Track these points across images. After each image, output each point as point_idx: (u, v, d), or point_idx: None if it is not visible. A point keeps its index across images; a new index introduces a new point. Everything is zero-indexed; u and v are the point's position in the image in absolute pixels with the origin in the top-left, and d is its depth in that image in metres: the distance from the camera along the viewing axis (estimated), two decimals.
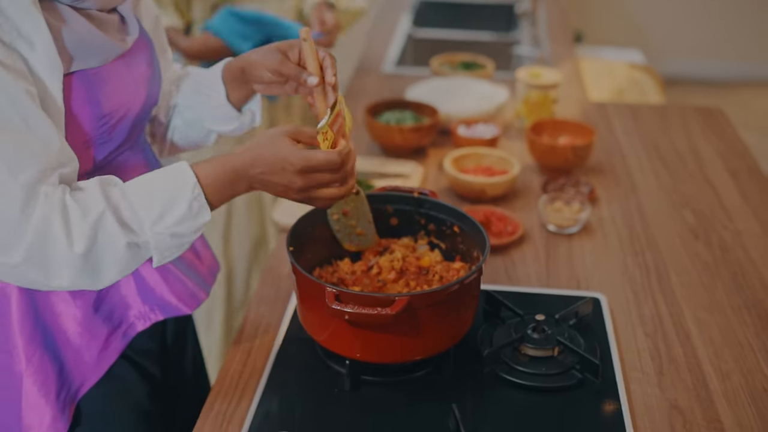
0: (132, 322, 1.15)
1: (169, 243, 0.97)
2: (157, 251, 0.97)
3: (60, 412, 1.07)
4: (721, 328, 1.32)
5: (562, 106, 2.25)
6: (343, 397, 1.14)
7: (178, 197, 0.97)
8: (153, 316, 1.16)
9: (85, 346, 1.10)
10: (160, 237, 0.96)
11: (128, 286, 1.13)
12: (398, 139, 1.89)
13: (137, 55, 1.10)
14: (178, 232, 0.97)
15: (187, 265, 1.24)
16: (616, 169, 1.89)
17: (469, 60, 2.43)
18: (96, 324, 1.11)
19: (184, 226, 0.97)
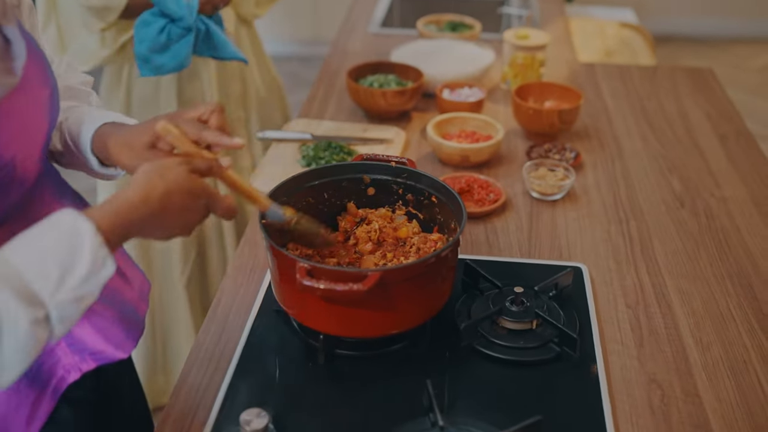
0: (62, 375, 1.03)
1: (72, 308, 0.80)
2: (60, 322, 0.79)
3: None
4: (704, 298, 1.30)
5: (551, 67, 2.21)
6: (317, 370, 1.13)
7: (79, 253, 0.80)
8: (85, 365, 1.04)
9: (14, 412, 0.98)
10: (62, 307, 0.79)
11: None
12: (381, 104, 1.85)
13: (30, 79, 0.93)
14: (82, 295, 0.80)
15: (116, 297, 1.11)
16: (603, 133, 1.86)
17: (456, 20, 2.38)
18: (23, 387, 0.99)
19: (89, 284, 0.81)
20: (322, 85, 2.11)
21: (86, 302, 0.82)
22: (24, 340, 0.76)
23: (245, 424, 0.99)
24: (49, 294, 0.77)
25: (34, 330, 0.77)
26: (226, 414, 1.05)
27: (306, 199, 1.25)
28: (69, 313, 0.80)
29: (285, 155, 1.71)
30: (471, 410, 1.05)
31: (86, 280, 0.80)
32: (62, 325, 0.80)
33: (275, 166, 1.66)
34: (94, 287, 0.81)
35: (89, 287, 0.81)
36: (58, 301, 0.78)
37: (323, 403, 1.08)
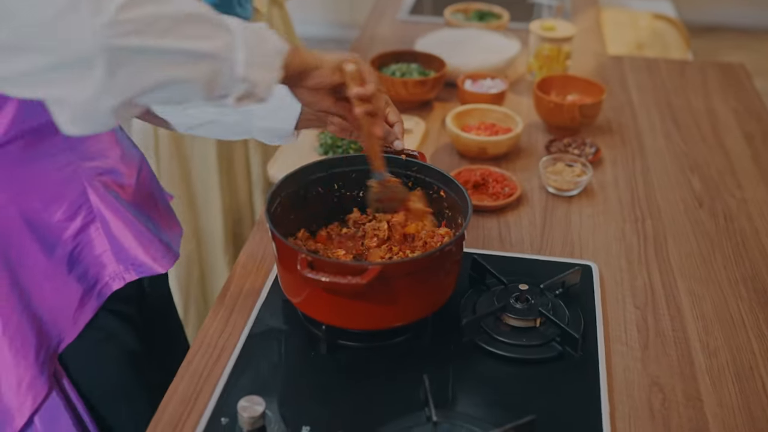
0: (107, 281, 1.14)
1: (254, 40, 0.89)
2: (243, 41, 0.88)
3: (39, 373, 1.07)
4: (715, 301, 1.29)
5: (578, 59, 2.18)
6: (318, 360, 1.14)
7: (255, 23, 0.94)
8: (128, 275, 1.15)
9: (60, 305, 1.10)
10: (246, 31, 0.89)
11: (102, 246, 1.12)
12: (402, 93, 1.85)
13: None
14: (263, 36, 0.91)
15: (156, 226, 1.23)
16: (626, 128, 1.83)
17: (484, 9, 2.36)
18: (70, 283, 1.10)
19: (267, 35, 0.92)
20: None
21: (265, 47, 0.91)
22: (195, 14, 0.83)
23: (242, 410, 1.00)
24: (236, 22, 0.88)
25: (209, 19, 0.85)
26: (225, 400, 1.06)
27: (316, 188, 1.25)
28: (250, 40, 0.88)
29: (303, 143, 1.72)
30: (468, 406, 1.05)
31: (263, 29, 0.92)
32: (246, 47, 0.88)
33: (292, 154, 1.67)
34: (271, 41, 0.92)
35: (267, 35, 0.92)
36: (239, 24, 0.88)
37: (323, 392, 1.09)
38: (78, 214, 1.09)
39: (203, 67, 0.85)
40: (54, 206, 1.06)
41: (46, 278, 1.07)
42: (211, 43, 0.85)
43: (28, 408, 1.07)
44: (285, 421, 1.03)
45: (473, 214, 1.48)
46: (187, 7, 0.83)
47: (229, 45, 0.87)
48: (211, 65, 0.86)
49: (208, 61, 0.85)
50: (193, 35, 0.83)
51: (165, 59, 0.81)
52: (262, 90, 0.92)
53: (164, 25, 0.80)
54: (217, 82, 0.87)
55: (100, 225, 1.12)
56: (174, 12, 0.81)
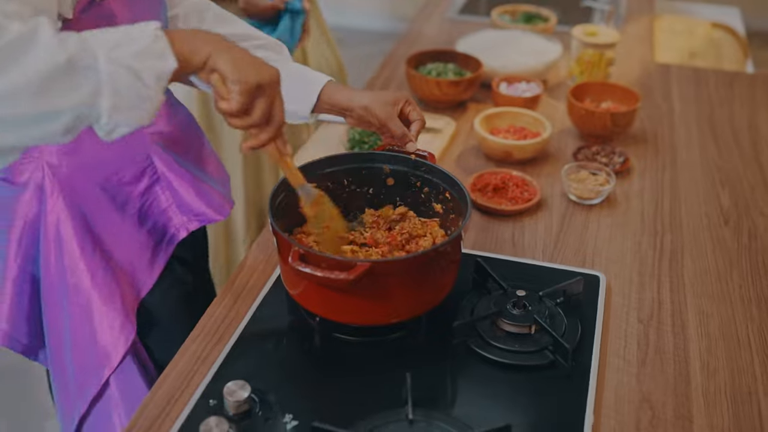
0: (173, 232, 1.31)
1: (125, 80, 0.82)
2: (109, 85, 0.82)
3: (126, 318, 1.23)
4: (723, 321, 1.26)
5: (623, 66, 2.15)
6: (312, 352, 1.16)
7: (139, 32, 0.85)
8: (191, 225, 1.32)
9: (137, 256, 1.26)
10: (115, 67, 0.82)
11: (167, 201, 1.29)
12: (436, 93, 1.85)
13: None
14: (136, 69, 0.83)
15: (211, 178, 1.39)
16: (661, 139, 1.79)
17: (532, 12, 2.34)
18: (143, 236, 1.27)
19: (145, 63, 0.84)
20: (387, 69, 2.13)
21: (140, 85, 0.83)
22: (51, 70, 0.78)
23: (228, 394, 1.04)
24: (105, 50, 0.82)
25: (69, 71, 0.79)
26: (216, 383, 1.09)
27: (325, 183, 1.28)
28: (121, 81, 0.82)
29: (331, 138, 1.74)
30: (449, 407, 1.06)
31: (142, 57, 0.83)
32: (113, 90, 0.82)
33: (318, 149, 1.70)
34: (149, 70, 0.84)
35: (144, 66, 0.84)
36: (110, 57, 0.81)
37: (311, 383, 1.11)
38: (144, 175, 1.25)
39: (65, 120, 0.82)
40: (123, 170, 1.23)
41: (122, 233, 1.24)
42: (70, 99, 0.81)
43: (122, 347, 1.24)
44: (270, 407, 1.06)
45: (488, 217, 1.49)
46: (45, 62, 0.78)
47: (93, 93, 0.82)
48: (73, 116, 0.82)
49: (70, 114, 0.82)
50: (52, 93, 0.79)
51: (22, 122, 0.80)
52: (137, 123, 0.87)
53: (18, 92, 0.78)
54: (77, 128, 0.85)
55: (165, 183, 1.28)
56: (28, 75, 0.78)
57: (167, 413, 1.07)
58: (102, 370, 1.24)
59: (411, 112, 1.24)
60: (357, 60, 4.24)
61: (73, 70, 0.80)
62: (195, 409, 1.06)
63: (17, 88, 0.78)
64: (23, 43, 0.78)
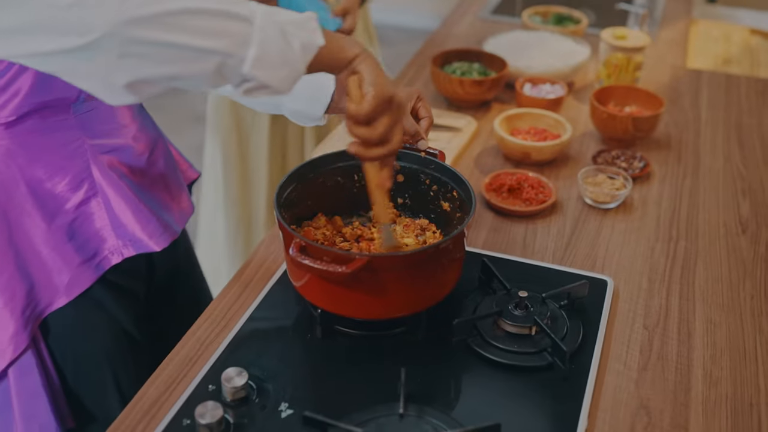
0: (106, 255, 1.19)
1: (274, 39, 0.88)
2: (259, 37, 0.87)
3: (22, 328, 1.13)
4: (731, 331, 1.24)
5: (653, 70, 2.12)
6: (312, 343, 1.18)
7: (295, 14, 0.92)
8: (126, 251, 1.20)
9: (55, 271, 1.15)
10: (269, 24, 0.87)
11: (102, 220, 1.18)
12: (459, 92, 1.86)
13: None
14: (288, 31, 0.89)
15: (158, 205, 1.28)
16: (685, 146, 1.77)
17: (564, 13, 2.32)
18: (68, 251, 1.16)
19: (296, 31, 0.90)
20: (413, 67, 2.13)
21: (287, 49, 0.89)
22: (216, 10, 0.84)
23: (226, 380, 1.06)
24: (262, 10, 0.87)
25: (230, 22, 0.85)
26: (217, 369, 1.11)
27: (335, 178, 1.29)
28: (271, 40, 0.87)
29: None
30: (442, 404, 1.06)
31: (294, 23, 0.90)
32: (260, 48, 0.86)
33: (339, 142, 1.71)
34: (298, 37, 0.90)
35: (296, 31, 0.90)
36: (264, 13, 0.87)
37: (309, 373, 1.13)
38: (80, 188, 1.15)
39: (210, 63, 0.86)
40: (57, 177, 1.13)
41: (44, 243, 1.13)
42: (221, 40, 0.85)
43: (7, 356, 1.13)
44: (267, 395, 1.08)
45: (501, 218, 1.49)
46: (204, 1, 0.84)
47: (242, 41, 0.86)
48: (219, 61, 0.86)
49: (216, 58, 0.86)
50: (205, 30, 0.84)
51: (172, 53, 0.83)
52: (277, 87, 0.91)
53: (176, 21, 0.82)
54: (223, 75, 0.88)
55: (102, 200, 1.17)
56: (188, 6, 0.82)
57: (168, 396, 1.10)
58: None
59: (420, 109, 1.25)
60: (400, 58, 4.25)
61: (233, 16, 0.85)
62: (194, 393, 1.08)
63: (177, 14, 0.82)
64: None
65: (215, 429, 1.00)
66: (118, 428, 1.04)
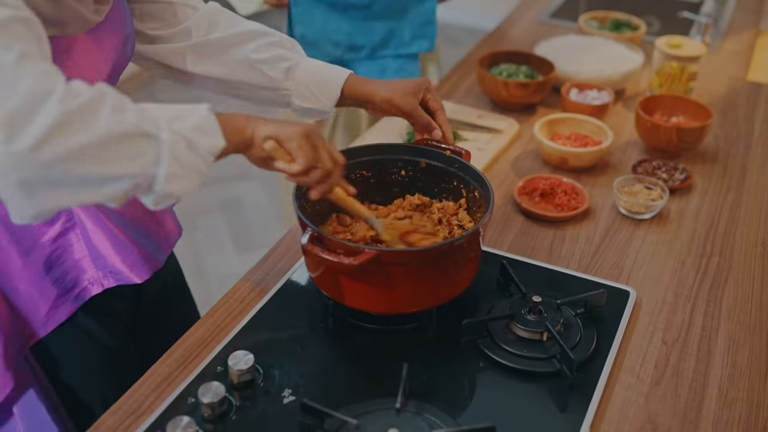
0: (86, 286, 1.17)
1: (183, 151, 0.88)
2: (169, 154, 0.86)
3: (6, 369, 1.11)
4: (754, 352, 1.20)
5: (709, 81, 2.06)
6: (323, 334, 1.19)
7: (192, 111, 0.91)
8: (106, 282, 1.19)
9: (33, 305, 1.14)
10: (175, 136, 0.87)
11: (81, 251, 1.16)
12: (503, 94, 1.84)
13: (108, 24, 1.07)
14: (193, 140, 0.89)
15: (142, 233, 1.25)
16: (733, 160, 1.72)
17: (622, 19, 2.27)
18: (46, 285, 1.14)
19: (199, 136, 0.90)
20: (463, 66, 2.13)
21: (194, 161, 0.89)
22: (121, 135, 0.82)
23: (232, 363, 1.09)
24: (166, 121, 0.87)
25: (138, 140, 0.84)
26: (227, 351, 1.14)
27: (361, 171, 1.30)
28: (180, 153, 0.87)
29: (392, 129, 1.77)
30: (442, 402, 1.06)
31: (197, 129, 0.89)
32: (175, 161, 0.86)
33: (376, 138, 1.72)
34: (203, 145, 0.90)
35: (199, 139, 0.89)
36: (172, 129, 0.87)
37: (316, 363, 1.14)
38: (57, 220, 1.13)
39: (122, 186, 0.85)
40: None
41: (21, 279, 1.12)
42: (133, 164, 0.84)
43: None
44: (272, 380, 1.10)
45: (531, 222, 1.48)
46: (111, 127, 0.82)
47: (153, 160, 0.86)
48: (131, 183, 0.86)
49: (128, 181, 0.85)
50: (117, 157, 0.83)
51: (84, 185, 0.83)
52: (186, 194, 0.91)
53: (85, 154, 0.80)
54: (134, 194, 0.89)
55: (80, 231, 1.15)
56: (96, 139, 0.81)
57: (177, 374, 1.13)
58: None
59: (430, 101, 1.25)
60: None
61: (140, 136, 0.85)
62: (202, 373, 1.11)
63: (86, 149, 0.80)
64: (94, 107, 0.82)
65: (217, 408, 1.03)
66: (126, 403, 1.08)
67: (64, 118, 0.79)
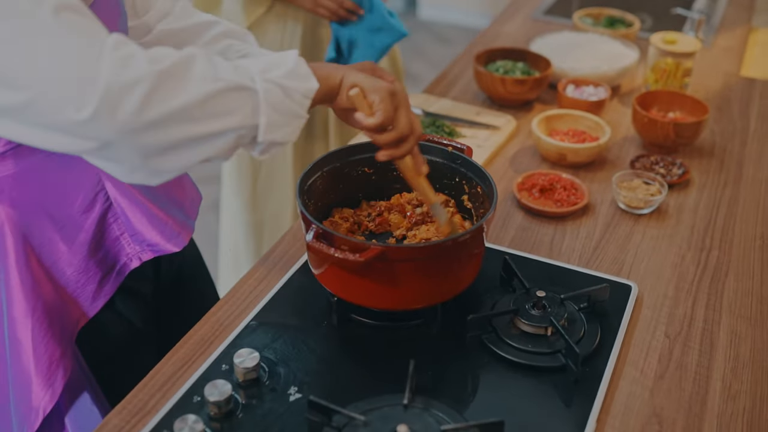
0: (125, 262, 1.21)
1: (280, 98, 0.92)
2: (266, 103, 0.91)
3: (64, 350, 1.15)
4: (756, 345, 1.21)
5: (704, 77, 2.07)
6: (327, 331, 1.19)
7: (282, 58, 0.95)
8: (144, 255, 1.22)
9: (81, 288, 1.17)
10: (269, 86, 0.91)
11: (119, 229, 1.19)
12: (500, 90, 1.84)
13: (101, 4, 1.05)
14: (287, 86, 0.93)
15: (171, 202, 1.27)
16: (729, 155, 1.73)
17: (616, 16, 2.28)
18: (91, 267, 1.17)
19: (293, 81, 0.94)
20: (458, 64, 2.13)
21: (290, 103, 0.93)
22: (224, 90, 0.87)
23: (238, 361, 1.08)
24: (258, 72, 0.91)
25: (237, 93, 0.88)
26: (232, 349, 1.13)
27: (363, 168, 1.30)
28: (276, 98, 0.91)
29: None
30: (449, 398, 1.06)
31: (290, 76, 0.93)
32: (270, 108, 0.91)
33: None
34: (296, 88, 0.94)
35: (293, 84, 0.93)
36: (264, 78, 0.90)
37: (322, 360, 1.14)
38: (96, 202, 1.15)
39: (226, 141, 0.90)
40: (72, 196, 1.12)
41: (68, 265, 1.15)
42: (234, 118, 0.89)
43: (59, 383, 1.14)
44: (278, 378, 1.09)
45: (531, 217, 1.48)
46: (207, 85, 0.86)
47: (252, 111, 0.90)
48: (234, 136, 0.90)
49: (231, 135, 0.90)
50: (217, 113, 0.87)
51: (189, 145, 0.87)
52: (289, 140, 0.96)
53: (186, 115, 0.85)
54: (239, 146, 0.93)
55: (117, 210, 1.18)
56: (194, 98, 0.85)
57: (182, 373, 1.12)
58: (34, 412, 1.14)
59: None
60: None
61: (236, 90, 0.88)
62: (207, 371, 1.10)
63: (187, 108, 0.84)
64: (185, 67, 0.85)
65: (223, 407, 1.03)
66: (131, 402, 1.07)
67: (158, 81, 0.82)
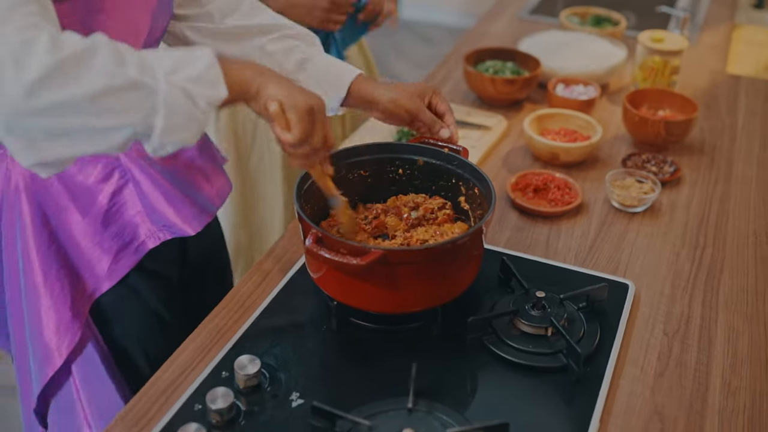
0: (143, 239, 1.22)
1: (180, 102, 0.87)
2: (165, 105, 0.86)
3: (74, 318, 1.18)
4: (753, 341, 1.22)
5: (691, 74, 2.08)
6: (327, 335, 1.18)
7: (194, 59, 0.90)
8: (161, 235, 1.23)
9: (96, 258, 1.20)
10: (171, 88, 0.86)
11: (136, 206, 1.21)
12: (490, 90, 1.85)
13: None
14: (191, 92, 0.88)
15: (192, 187, 1.29)
16: (719, 152, 1.74)
17: (603, 15, 2.29)
18: (106, 240, 1.20)
19: (198, 87, 0.88)
20: (446, 65, 2.13)
21: (192, 109, 0.88)
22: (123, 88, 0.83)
23: (239, 368, 1.07)
24: (163, 73, 0.86)
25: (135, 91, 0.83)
26: (231, 356, 1.13)
27: (358, 171, 1.30)
28: (177, 103, 0.86)
29: (383, 128, 1.76)
30: (452, 400, 1.06)
31: (197, 79, 0.88)
32: (168, 112, 0.85)
33: (369, 137, 1.72)
34: (202, 95, 0.88)
35: (198, 90, 0.88)
36: (168, 81, 0.85)
37: (323, 364, 1.13)
38: (111, 176, 1.18)
39: (119, 137, 0.86)
40: (88, 169, 1.16)
41: (83, 235, 1.18)
42: (128, 116, 0.85)
43: (65, 348, 1.18)
44: (279, 384, 1.09)
45: (526, 218, 1.48)
46: (102, 79, 0.82)
47: (149, 111, 0.86)
48: (127, 134, 0.86)
49: (125, 132, 0.86)
50: (111, 109, 0.83)
51: (80, 136, 0.84)
52: (184, 143, 0.91)
53: (77, 107, 0.81)
54: (136, 139, 0.89)
55: (134, 187, 1.19)
56: (86, 91, 0.81)
57: (182, 381, 1.11)
58: (46, 368, 1.20)
59: (439, 104, 1.26)
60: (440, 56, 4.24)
61: (135, 88, 0.84)
62: (207, 379, 1.09)
63: (79, 101, 0.81)
64: (87, 58, 0.82)
65: (225, 415, 1.02)
66: (131, 410, 1.06)
67: (52, 69, 0.79)
